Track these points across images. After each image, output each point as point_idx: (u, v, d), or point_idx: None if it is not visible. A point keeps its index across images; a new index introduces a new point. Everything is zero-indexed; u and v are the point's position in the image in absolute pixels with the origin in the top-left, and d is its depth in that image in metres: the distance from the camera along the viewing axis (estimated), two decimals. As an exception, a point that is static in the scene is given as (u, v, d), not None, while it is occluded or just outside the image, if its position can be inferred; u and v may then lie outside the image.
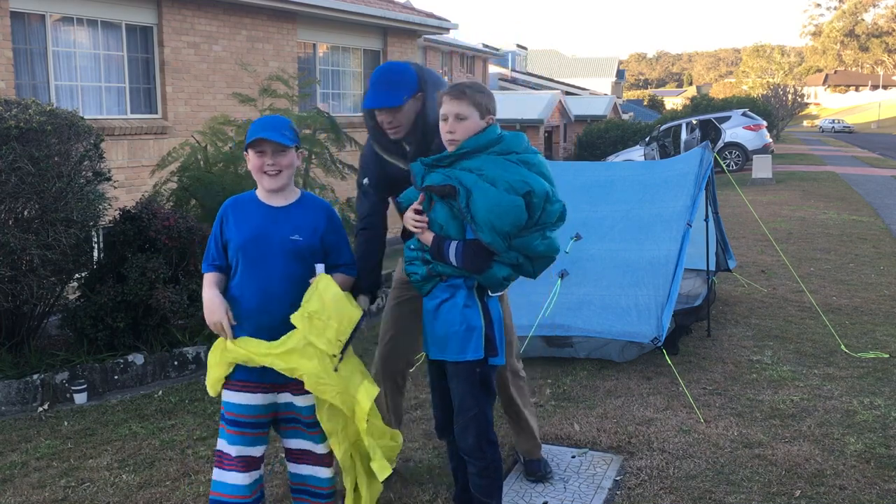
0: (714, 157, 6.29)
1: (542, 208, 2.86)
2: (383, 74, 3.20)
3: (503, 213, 2.78)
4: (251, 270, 2.85)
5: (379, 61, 13.99)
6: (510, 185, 2.80)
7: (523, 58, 51.87)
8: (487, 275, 2.91)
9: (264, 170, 2.86)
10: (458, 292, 2.93)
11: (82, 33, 9.12)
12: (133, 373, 5.61)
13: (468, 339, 2.91)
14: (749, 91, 58.99)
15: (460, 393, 2.97)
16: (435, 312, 2.96)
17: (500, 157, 2.88)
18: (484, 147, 2.89)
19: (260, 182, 2.90)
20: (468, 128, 2.91)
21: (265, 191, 2.92)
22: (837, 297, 7.60)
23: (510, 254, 2.90)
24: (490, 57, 36.99)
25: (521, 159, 2.89)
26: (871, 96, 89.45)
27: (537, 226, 2.89)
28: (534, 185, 2.83)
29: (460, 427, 2.98)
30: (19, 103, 5.57)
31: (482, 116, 2.92)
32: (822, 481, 3.77)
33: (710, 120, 23.67)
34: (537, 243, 2.91)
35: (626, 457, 4.10)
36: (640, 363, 5.58)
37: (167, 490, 3.84)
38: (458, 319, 2.91)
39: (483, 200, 2.79)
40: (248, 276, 2.85)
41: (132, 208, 6.07)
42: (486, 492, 3.01)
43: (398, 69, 3.21)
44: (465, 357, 2.92)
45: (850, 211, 14.03)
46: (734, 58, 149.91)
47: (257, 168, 2.88)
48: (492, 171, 2.83)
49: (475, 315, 2.93)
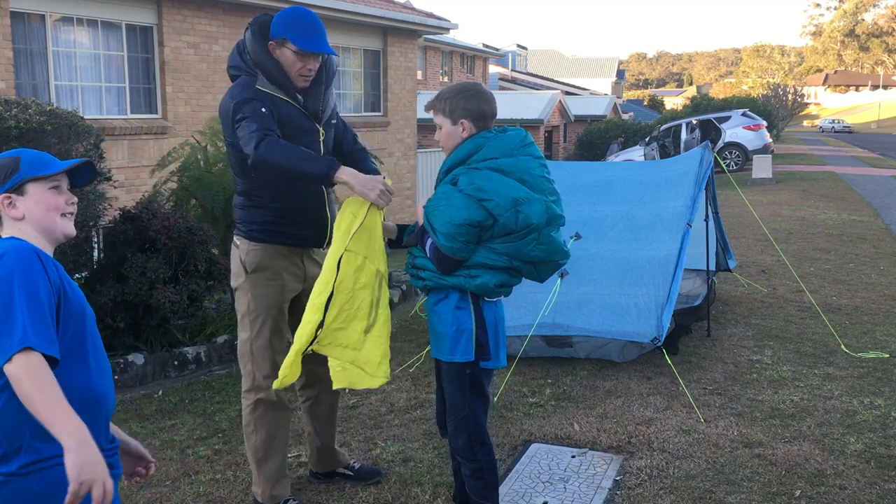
0: (714, 157, 6.29)
1: (515, 212, 2.84)
2: (317, 19, 3.26)
3: (438, 212, 2.88)
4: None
5: (379, 61, 13.99)
6: (467, 194, 2.85)
7: (523, 58, 51.89)
8: (479, 282, 2.92)
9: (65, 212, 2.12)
10: (451, 293, 2.95)
11: (82, 33, 9.12)
12: (133, 373, 5.61)
13: (458, 341, 2.94)
14: (749, 91, 58.97)
15: (450, 393, 3.01)
16: (432, 310, 3.01)
17: (471, 169, 2.90)
18: (463, 160, 2.94)
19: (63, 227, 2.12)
20: (445, 135, 3.01)
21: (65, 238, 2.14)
22: (837, 297, 7.60)
23: (500, 258, 2.90)
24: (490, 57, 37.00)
25: (496, 166, 2.89)
26: (871, 96, 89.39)
27: (521, 231, 2.87)
28: (498, 192, 2.83)
29: (452, 427, 3.03)
30: (19, 103, 5.56)
31: (454, 122, 2.95)
32: (822, 481, 3.77)
33: (710, 120, 23.67)
34: (531, 248, 2.91)
35: (626, 457, 4.10)
36: (640, 363, 5.58)
37: (167, 490, 3.84)
38: (450, 320, 2.94)
39: (432, 209, 2.93)
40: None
41: (132, 208, 6.07)
42: (480, 493, 3.01)
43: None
44: (454, 358, 2.95)
45: (850, 211, 14.03)
46: (734, 58, 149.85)
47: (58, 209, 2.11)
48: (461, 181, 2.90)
49: (466, 317, 2.94)
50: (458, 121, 2.94)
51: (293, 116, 3.28)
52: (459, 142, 2.96)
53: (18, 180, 2.04)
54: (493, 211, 2.82)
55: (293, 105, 3.29)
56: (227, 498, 3.74)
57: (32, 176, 2.05)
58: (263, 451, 3.46)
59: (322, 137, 3.41)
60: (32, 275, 1.88)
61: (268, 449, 3.46)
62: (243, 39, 3.34)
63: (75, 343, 1.97)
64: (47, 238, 2.07)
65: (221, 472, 4.01)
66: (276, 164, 3.02)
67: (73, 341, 1.96)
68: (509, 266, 2.93)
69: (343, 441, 4.40)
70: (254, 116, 3.10)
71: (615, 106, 37.96)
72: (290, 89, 3.28)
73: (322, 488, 3.82)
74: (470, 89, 2.98)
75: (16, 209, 2.04)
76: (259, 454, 3.46)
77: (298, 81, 3.28)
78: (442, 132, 2.99)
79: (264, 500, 3.48)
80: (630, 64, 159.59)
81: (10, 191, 2.04)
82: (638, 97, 76.97)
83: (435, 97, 3.01)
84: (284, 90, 3.26)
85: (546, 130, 29.14)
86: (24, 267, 1.89)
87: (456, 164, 2.94)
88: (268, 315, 3.41)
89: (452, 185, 2.89)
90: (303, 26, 3.20)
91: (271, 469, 3.48)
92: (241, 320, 3.47)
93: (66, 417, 1.72)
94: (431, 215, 2.91)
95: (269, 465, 3.47)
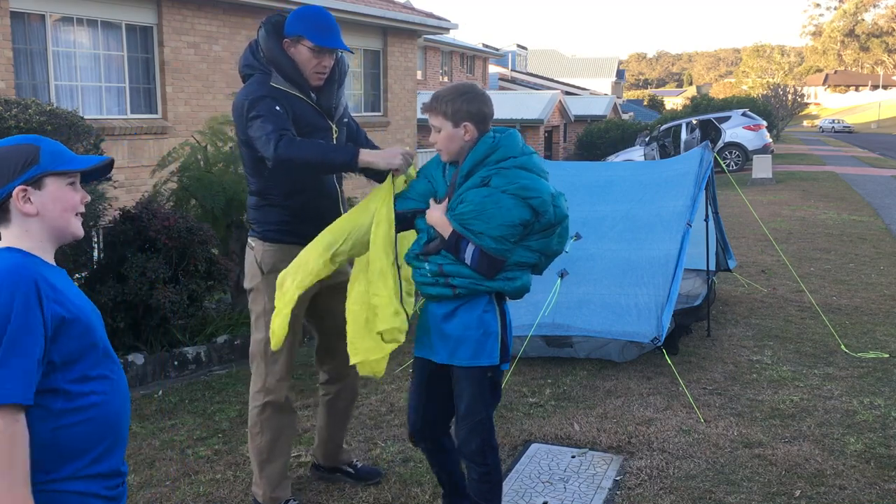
0: (714, 157, 6.29)
1: (553, 207, 2.88)
2: (331, 17, 3.27)
3: (486, 216, 2.82)
4: None
5: (379, 61, 13.99)
6: (512, 194, 2.83)
7: (523, 58, 51.88)
8: (519, 284, 2.93)
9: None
10: (479, 297, 2.91)
11: (82, 33, 9.12)
12: (133, 373, 5.60)
13: (484, 344, 2.89)
14: (749, 91, 58.92)
15: (469, 397, 2.93)
16: (447, 316, 2.91)
17: (500, 169, 2.88)
18: (482, 160, 2.90)
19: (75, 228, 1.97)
20: (446, 138, 2.92)
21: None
22: (837, 297, 7.60)
23: (533, 255, 2.92)
24: (490, 57, 37.01)
25: (521, 164, 2.90)
26: (871, 96, 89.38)
27: (556, 224, 2.92)
28: (540, 189, 2.86)
29: (465, 432, 2.95)
30: (19, 103, 5.56)
31: (456, 124, 2.90)
32: (822, 481, 3.77)
33: (710, 120, 23.67)
34: (555, 242, 2.96)
35: (626, 457, 4.10)
36: (640, 363, 5.58)
37: (167, 490, 3.84)
38: (475, 324, 2.89)
39: (476, 214, 2.85)
40: None
41: (132, 208, 6.07)
42: (487, 496, 3.00)
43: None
44: (478, 362, 2.90)
45: (850, 211, 14.03)
46: (734, 58, 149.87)
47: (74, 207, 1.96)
48: (496, 182, 2.86)
49: (493, 320, 2.92)
50: (460, 123, 2.89)
51: (307, 114, 3.29)
52: (462, 144, 2.90)
53: (38, 173, 1.84)
54: (539, 208, 2.83)
55: (307, 102, 3.30)
56: (227, 498, 3.74)
57: (53, 170, 1.86)
58: (267, 452, 3.46)
59: (335, 135, 3.42)
60: (27, 308, 1.73)
61: (272, 451, 3.46)
62: (256, 39, 3.37)
63: (86, 356, 1.84)
64: (56, 238, 1.91)
65: (221, 473, 4.01)
66: (299, 161, 3.03)
67: (83, 356, 1.84)
68: (536, 262, 2.95)
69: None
70: (268, 115, 3.10)
71: (615, 106, 37.95)
72: (304, 87, 3.29)
73: (322, 488, 3.82)
74: (470, 91, 2.94)
75: (30, 204, 1.84)
76: (263, 455, 3.46)
77: (313, 79, 3.29)
78: (442, 135, 2.92)
79: (265, 501, 3.49)
80: (630, 64, 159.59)
81: (28, 183, 1.84)
82: (638, 97, 76.98)
83: (433, 99, 2.95)
84: (298, 87, 3.27)
85: (546, 130, 29.14)
86: (16, 300, 1.73)
87: (475, 165, 2.89)
88: None
89: (485, 187, 2.86)
90: (319, 23, 3.23)
91: (274, 471, 3.48)
92: (256, 321, 3.46)
93: (23, 500, 1.68)
94: (476, 220, 2.83)
95: (272, 467, 3.48)
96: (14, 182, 1.82)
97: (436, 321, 2.95)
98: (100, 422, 1.85)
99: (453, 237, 2.86)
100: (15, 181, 1.82)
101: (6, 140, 1.88)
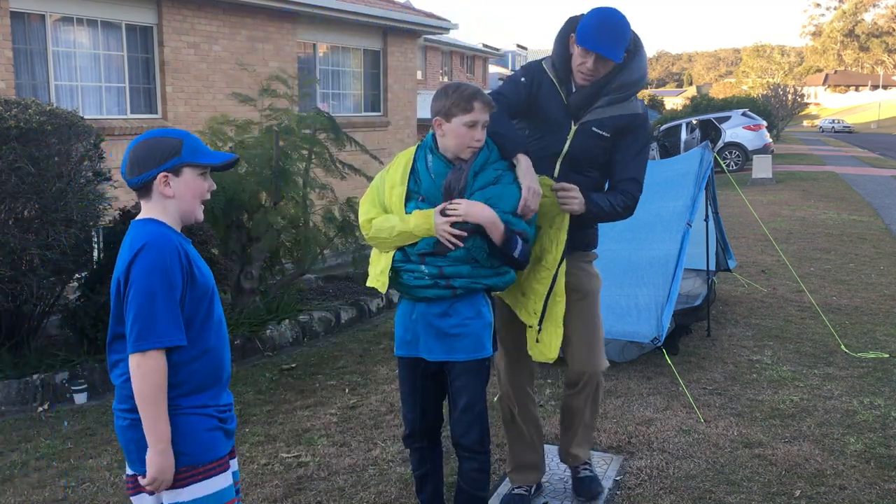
0: (714, 157, 6.29)
1: None
2: (616, 25, 3.12)
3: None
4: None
5: (379, 61, 13.99)
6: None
7: (523, 58, 51.89)
8: (508, 278, 3.00)
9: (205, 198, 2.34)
10: (478, 292, 2.95)
11: (82, 33, 9.12)
12: (133, 373, 5.61)
13: (483, 336, 2.94)
14: (749, 91, 58.92)
15: (470, 390, 2.94)
16: (443, 314, 2.91)
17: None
18: (487, 157, 2.97)
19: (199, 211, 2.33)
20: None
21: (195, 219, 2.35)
22: (837, 297, 7.60)
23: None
24: (490, 57, 37.03)
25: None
26: (871, 96, 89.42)
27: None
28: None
29: (466, 424, 2.96)
30: (19, 103, 5.56)
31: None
32: (822, 481, 3.77)
33: (710, 120, 23.66)
34: (532, 228, 3.05)
35: (626, 457, 4.10)
36: (640, 363, 5.58)
37: (167, 490, 3.84)
38: (475, 318, 2.92)
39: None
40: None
41: (132, 208, 6.07)
42: (483, 485, 3.02)
43: (626, 23, 3.14)
44: (483, 354, 2.94)
45: (850, 211, 14.03)
46: (734, 58, 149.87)
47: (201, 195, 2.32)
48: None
49: (488, 312, 2.99)
50: None
51: (550, 104, 3.28)
52: None
53: (179, 163, 2.21)
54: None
55: (558, 93, 3.28)
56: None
57: (191, 161, 2.22)
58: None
59: (570, 134, 3.31)
60: (173, 267, 2.12)
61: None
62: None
63: (204, 316, 2.21)
64: (183, 219, 2.27)
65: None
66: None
67: (202, 315, 2.21)
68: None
69: (343, 441, 4.40)
70: (508, 80, 3.29)
71: (615, 106, 37.83)
72: (564, 79, 3.28)
73: (322, 488, 3.82)
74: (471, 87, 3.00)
75: (169, 188, 2.21)
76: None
77: (577, 77, 3.26)
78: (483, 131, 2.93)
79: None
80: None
81: (169, 171, 2.20)
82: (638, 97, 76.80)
83: (480, 92, 2.90)
84: (558, 78, 3.28)
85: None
86: (167, 260, 2.11)
87: (486, 162, 2.95)
88: None
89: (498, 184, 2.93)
90: (593, 24, 3.13)
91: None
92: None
93: (163, 428, 2.09)
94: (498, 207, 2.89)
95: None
96: (159, 168, 2.19)
97: (429, 319, 2.93)
98: (214, 364, 2.26)
99: (508, 235, 2.87)
100: (160, 167, 2.19)
101: (157, 131, 2.24)
